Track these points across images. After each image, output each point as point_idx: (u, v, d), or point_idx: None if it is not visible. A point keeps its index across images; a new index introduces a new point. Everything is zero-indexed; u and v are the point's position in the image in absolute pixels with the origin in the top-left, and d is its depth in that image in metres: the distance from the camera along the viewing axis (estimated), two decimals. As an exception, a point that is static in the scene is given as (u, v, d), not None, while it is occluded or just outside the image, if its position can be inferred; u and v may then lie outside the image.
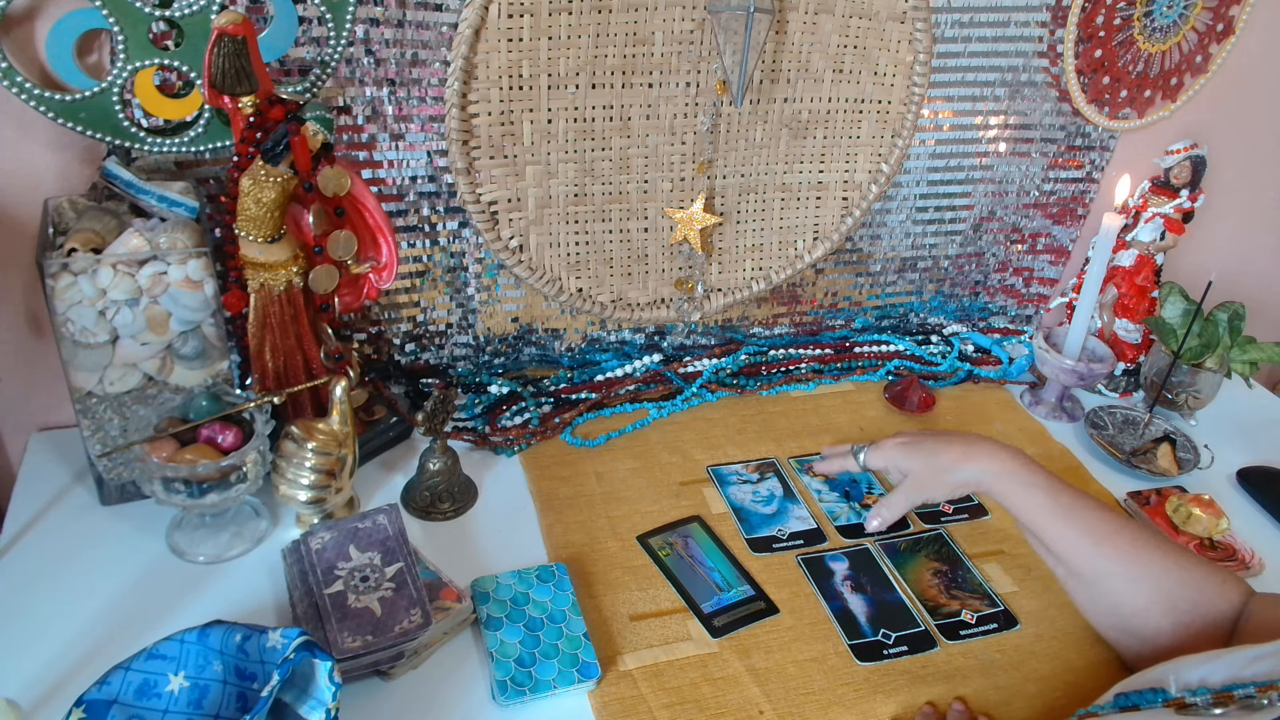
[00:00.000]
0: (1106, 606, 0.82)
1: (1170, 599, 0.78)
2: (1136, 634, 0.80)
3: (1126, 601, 0.80)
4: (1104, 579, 0.81)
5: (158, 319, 0.83)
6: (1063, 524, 0.83)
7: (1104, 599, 0.82)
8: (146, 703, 0.64)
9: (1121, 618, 0.81)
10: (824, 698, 0.79)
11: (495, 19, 0.93)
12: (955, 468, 0.88)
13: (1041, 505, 0.84)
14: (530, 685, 0.75)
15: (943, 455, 0.89)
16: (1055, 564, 0.86)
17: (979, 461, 0.87)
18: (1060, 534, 0.83)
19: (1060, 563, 0.85)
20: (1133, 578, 0.80)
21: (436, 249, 1.07)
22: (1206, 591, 0.78)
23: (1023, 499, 0.85)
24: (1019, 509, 0.86)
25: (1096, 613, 0.84)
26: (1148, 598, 0.79)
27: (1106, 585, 0.81)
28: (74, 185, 0.91)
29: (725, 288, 1.18)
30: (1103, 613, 0.83)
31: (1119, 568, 0.81)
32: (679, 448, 1.07)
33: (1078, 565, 0.83)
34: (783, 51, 1.05)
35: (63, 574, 0.83)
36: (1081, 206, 1.33)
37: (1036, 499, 0.84)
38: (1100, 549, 0.81)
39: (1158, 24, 1.19)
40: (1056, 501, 0.84)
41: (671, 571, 0.90)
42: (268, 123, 0.83)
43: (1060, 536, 0.83)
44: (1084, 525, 0.82)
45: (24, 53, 0.85)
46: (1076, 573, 0.83)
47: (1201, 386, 1.18)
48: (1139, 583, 0.80)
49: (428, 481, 0.94)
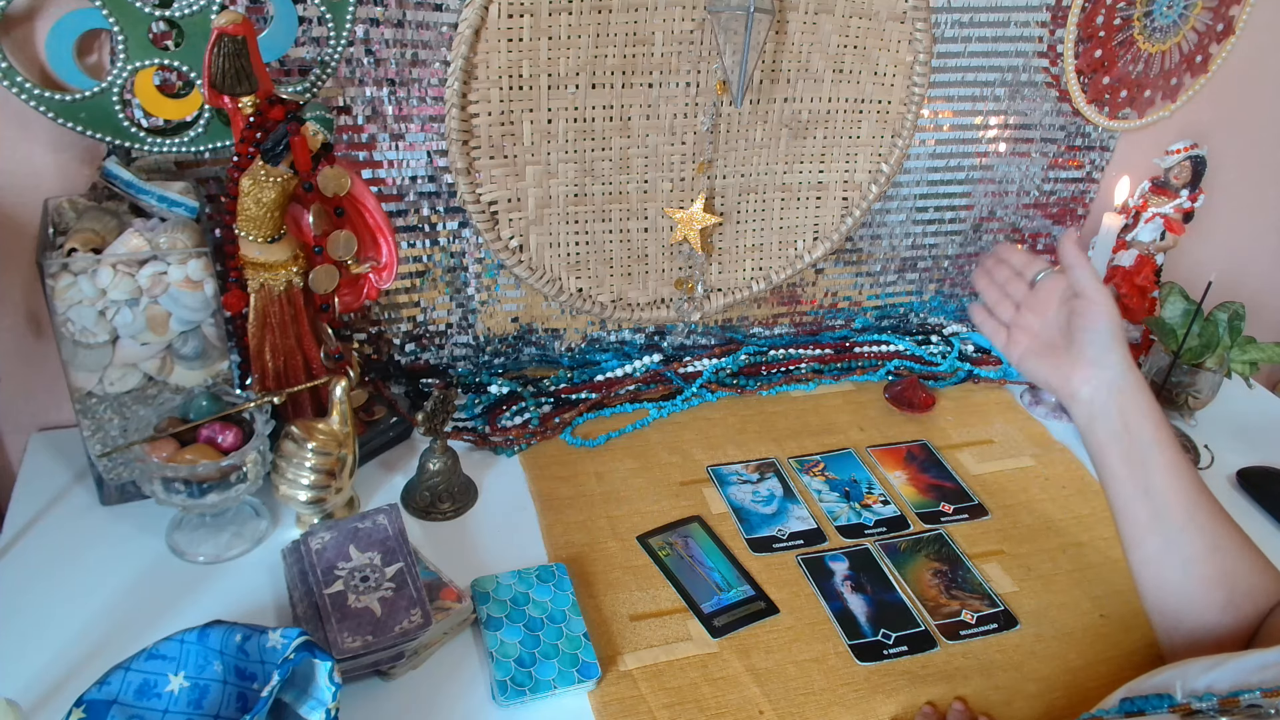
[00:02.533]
0: (1176, 563, 0.77)
1: (1234, 577, 0.75)
2: (1189, 604, 0.76)
3: (1199, 563, 0.76)
4: (1190, 531, 0.76)
5: (158, 319, 0.83)
6: (1175, 452, 0.78)
7: (1178, 554, 0.77)
8: (146, 703, 0.64)
9: (1186, 580, 0.76)
10: (824, 698, 0.79)
11: (495, 19, 0.93)
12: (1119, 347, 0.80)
13: (1161, 421, 0.78)
14: (530, 685, 0.75)
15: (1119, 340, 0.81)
16: (1140, 503, 0.78)
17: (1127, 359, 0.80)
18: (1173, 462, 0.77)
19: (1150, 499, 0.77)
20: (1214, 542, 0.76)
21: (436, 249, 1.07)
22: (1265, 579, 0.76)
23: (1150, 407, 0.79)
24: (1141, 415, 0.78)
25: (1161, 570, 0.78)
26: (1218, 568, 0.75)
27: (1190, 539, 0.76)
28: (74, 185, 0.91)
29: (725, 288, 1.18)
30: (1168, 569, 0.77)
31: (1208, 522, 0.76)
32: (679, 448, 1.07)
33: (1172, 506, 0.77)
34: (783, 51, 1.05)
35: (63, 574, 0.83)
36: (1081, 206, 1.33)
37: (1159, 414, 0.79)
38: (1200, 495, 0.77)
39: (1158, 24, 1.19)
40: (1170, 431, 0.79)
41: (671, 571, 0.90)
42: (268, 123, 0.83)
43: (1172, 467, 0.77)
44: (1188, 465, 0.78)
45: (24, 53, 0.85)
46: (1165, 516, 0.77)
47: (1201, 387, 1.18)
48: (1218, 550, 0.76)
49: (428, 481, 0.94)
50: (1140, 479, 0.78)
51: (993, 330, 0.90)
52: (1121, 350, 0.80)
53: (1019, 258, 0.89)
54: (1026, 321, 0.87)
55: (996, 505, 1.03)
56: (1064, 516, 1.03)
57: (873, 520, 0.99)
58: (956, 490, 1.05)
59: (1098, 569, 0.95)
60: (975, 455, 1.12)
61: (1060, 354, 0.83)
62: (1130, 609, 0.90)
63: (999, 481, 1.07)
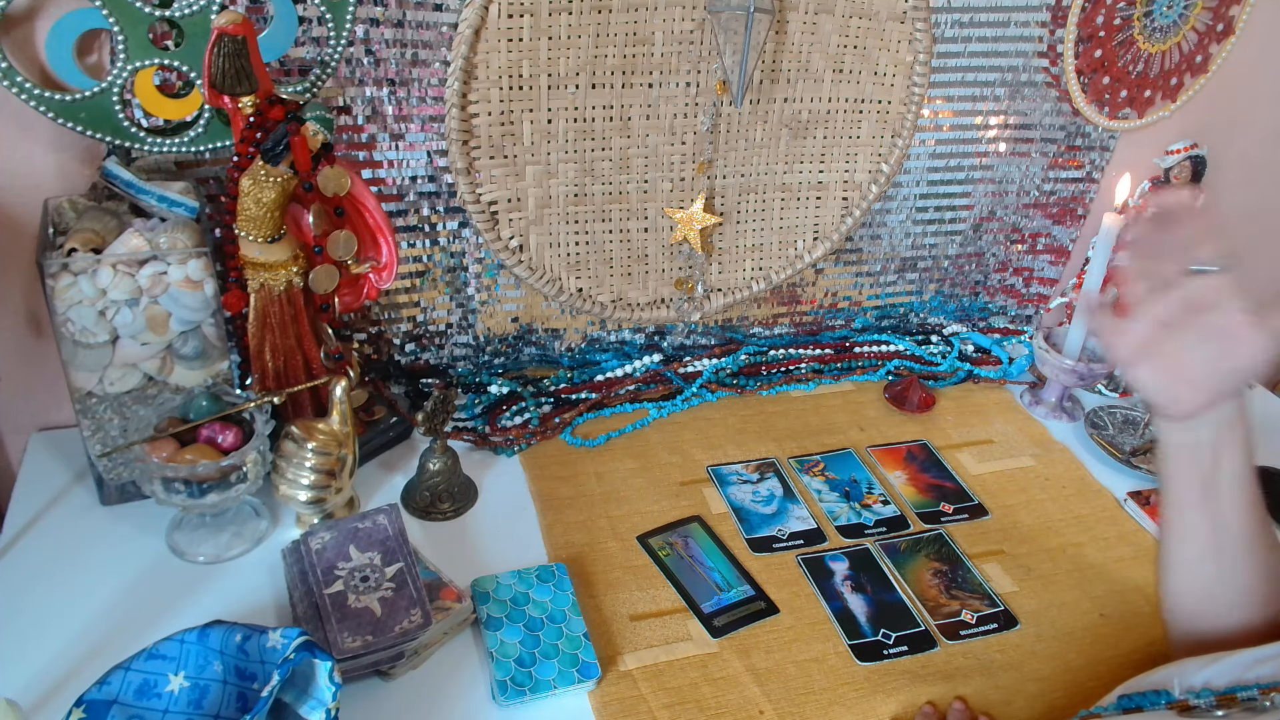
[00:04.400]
0: (1228, 592, 0.72)
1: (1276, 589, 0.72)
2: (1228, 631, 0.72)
3: (1248, 592, 0.71)
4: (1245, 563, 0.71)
5: (158, 319, 0.83)
6: (1255, 489, 0.71)
7: (1232, 583, 0.71)
8: (146, 703, 0.64)
9: (1230, 608, 0.72)
10: (824, 698, 0.79)
11: (495, 19, 0.93)
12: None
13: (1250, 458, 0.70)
14: (530, 685, 0.75)
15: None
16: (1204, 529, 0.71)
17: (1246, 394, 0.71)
18: (1252, 500, 0.71)
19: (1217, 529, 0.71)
20: (1270, 574, 0.72)
21: (436, 249, 1.07)
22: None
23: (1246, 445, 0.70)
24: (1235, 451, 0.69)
25: (1206, 599, 0.73)
26: (1265, 597, 0.72)
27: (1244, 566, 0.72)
28: (74, 185, 0.91)
29: (725, 288, 1.18)
30: (1214, 600, 0.72)
31: (1264, 551, 0.71)
32: (679, 448, 1.07)
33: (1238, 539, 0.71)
34: (783, 51, 1.05)
35: (63, 574, 0.83)
36: (1081, 206, 1.33)
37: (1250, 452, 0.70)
38: (1264, 526, 0.71)
39: (1158, 24, 1.19)
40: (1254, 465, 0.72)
41: (671, 571, 0.90)
42: (268, 123, 0.83)
43: (1250, 504, 0.71)
44: (1259, 497, 0.72)
45: (24, 53, 0.85)
46: (1225, 546, 0.71)
47: (1201, 386, 1.18)
48: (1273, 581, 0.72)
49: (428, 481, 0.94)
50: (1213, 508, 0.71)
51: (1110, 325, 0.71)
52: (1245, 393, 0.70)
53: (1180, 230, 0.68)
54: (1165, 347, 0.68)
55: (996, 505, 1.03)
56: (1064, 516, 1.03)
57: (873, 520, 0.99)
58: (956, 490, 1.05)
59: (1098, 569, 0.95)
60: (975, 455, 1.12)
61: (1187, 371, 0.68)
62: (1130, 609, 0.90)
63: (999, 481, 1.07)
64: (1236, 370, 0.67)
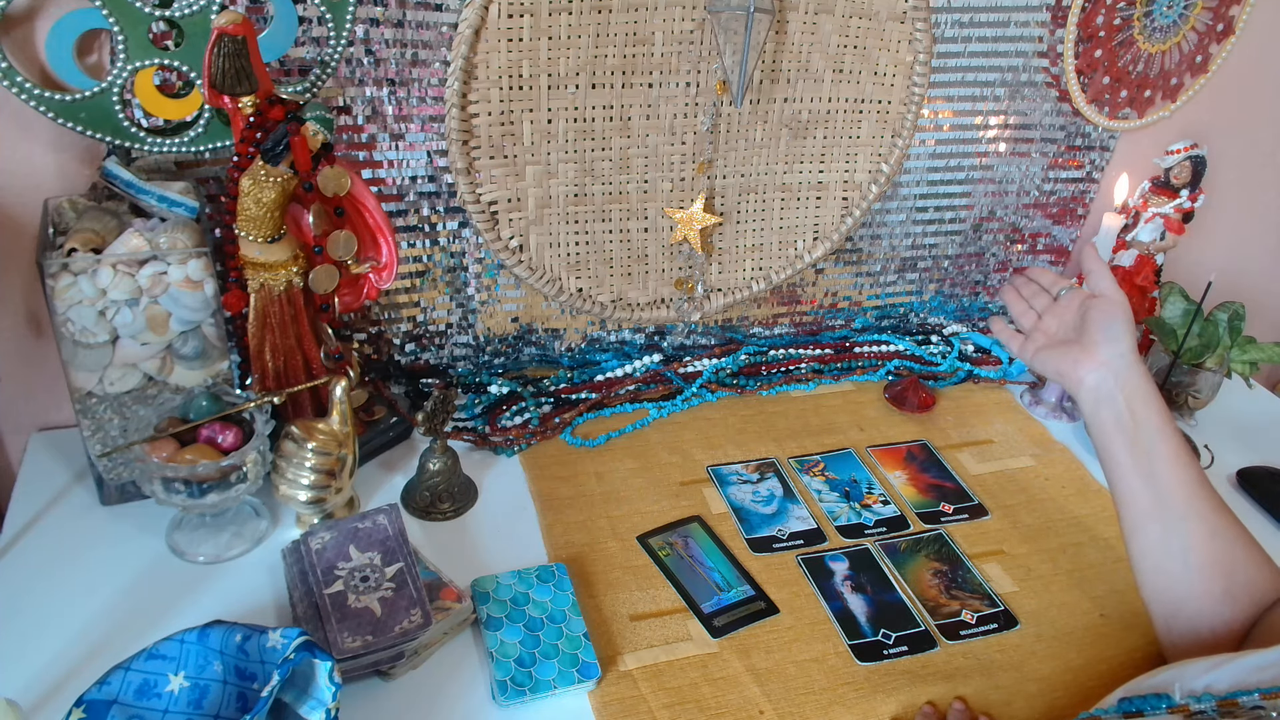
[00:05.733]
0: (1176, 550, 0.78)
1: (1233, 567, 0.76)
2: (1188, 593, 0.77)
3: (1198, 551, 0.77)
4: (1191, 519, 0.78)
5: (158, 319, 0.83)
6: (1178, 441, 0.80)
7: (1178, 540, 0.78)
8: (146, 703, 0.64)
9: (1185, 568, 0.78)
10: (824, 698, 0.79)
11: (495, 19, 0.93)
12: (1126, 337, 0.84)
13: (1164, 410, 0.81)
14: (530, 685, 0.75)
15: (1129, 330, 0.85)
16: (1143, 489, 0.80)
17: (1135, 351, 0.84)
18: (1177, 450, 0.80)
19: (1153, 486, 0.79)
20: (1214, 530, 0.77)
21: (436, 249, 1.07)
22: (1264, 573, 0.76)
23: (1154, 396, 0.81)
24: (1145, 404, 0.81)
25: (1160, 557, 0.79)
26: (1217, 556, 0.77)
27: (1190, 526, 0.78)
28: (74, 185, 0.91)
29: (725, 288, 1.18)
30: (1168, 557, 0.79)
31: (1209, 512, 0.78)
32: (679, 448, 1.07)
33: (1174, 494, 0.79)
34: (783, 51, 1.05)
35: (63, 574, 0.83)
36: (1081, 206, 1.33)
37: (1162, 404, 0.81)
38: (1201, 486, 0.78)
39: (1158, 24, 1.19)
40: (1173, 421, 0.81)
41: (671, 571, 0.90)
42: (268, 123, 0.83)
43: (1175, 455, 0.79)
44: (1191, 456, 0.80)
45: (24, 53, 0.85)
46: (1167, 503, 0.79)
47: (1201, 387, 1.19)
48: (1217, 538, 0.77)
49: (428, 481, 0.94)
50: (1144, 465, 0.81)
51: (1010, 337, 0.95)
52: (1130, 342, 0.83)
53: (1047, 277, 0.94)
54: (1044, 325, 0.92)
55: (996, 505, 1.03)
56: (1064, 516, 1.03)
57: (873, 520, 0.99)
58: (956, 490, 1.05)
59: (1098, 569, 0.96)
60: (975, 455, 1.12)
61: (1072, 346, 0.87)
62: (1130, 609, 0.90)
63: (999, 481, 1.07)
64: (1106, 322, 0.84)
